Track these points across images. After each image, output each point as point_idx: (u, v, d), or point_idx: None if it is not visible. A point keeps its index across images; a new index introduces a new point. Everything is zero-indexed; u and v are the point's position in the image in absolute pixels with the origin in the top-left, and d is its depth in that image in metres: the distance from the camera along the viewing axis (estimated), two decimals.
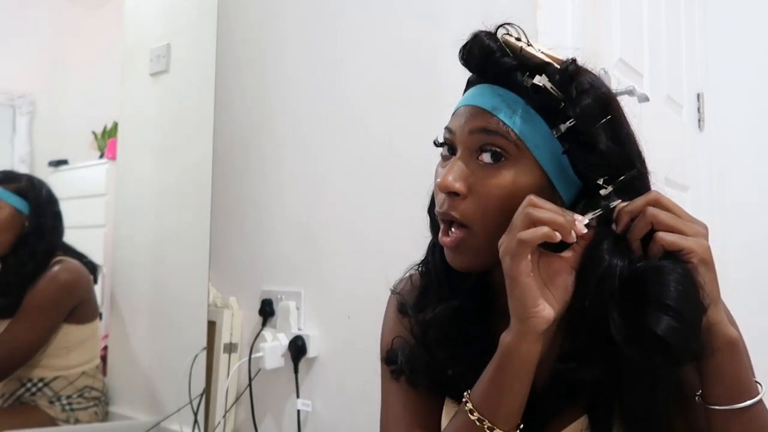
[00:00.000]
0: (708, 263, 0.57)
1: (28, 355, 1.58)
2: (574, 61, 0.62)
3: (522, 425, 0.61)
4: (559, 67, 0.62)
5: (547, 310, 0.57)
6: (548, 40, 1.12)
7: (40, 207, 1.64)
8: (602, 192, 0.60)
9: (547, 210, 0.57)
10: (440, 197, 0.65)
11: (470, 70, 0.66)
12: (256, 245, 1.60)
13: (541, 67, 0.61)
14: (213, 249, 1.60)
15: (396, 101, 1.34)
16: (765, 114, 1.86)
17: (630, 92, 1.27)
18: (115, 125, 2.08)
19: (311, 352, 1.42)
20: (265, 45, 1.63)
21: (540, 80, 0.60)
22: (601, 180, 0.60)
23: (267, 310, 1.51)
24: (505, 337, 0.59)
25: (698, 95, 1.88)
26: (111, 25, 2.15)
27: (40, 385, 1.60)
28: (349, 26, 1.45)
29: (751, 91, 1.88)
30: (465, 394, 0.63)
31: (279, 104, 1.59)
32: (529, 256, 0.57)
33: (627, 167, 0.61)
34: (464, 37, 0.65)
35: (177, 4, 1.81)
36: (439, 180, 0.63)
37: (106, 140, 2.21)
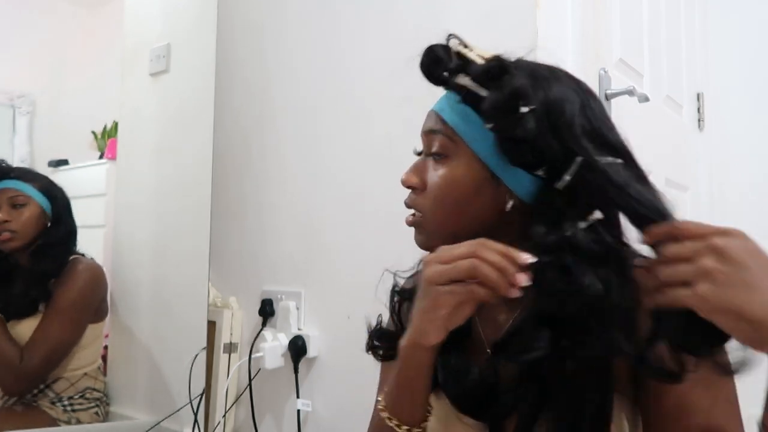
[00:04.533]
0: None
1: (66, 353, 1.58)
2: (497, 58, 0.65)
3: (425, 423, 0.68)
4: (483, 65, 0.64)
5: (432, 337, 0.62)
6: (548, 40, 1.12)
7: (61, 206, 1.66)
8: (558, 185, 0.61)
9: (489, 265, 0.57)
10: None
11: (424, 76, 0.71)
12: (256, 245, 1.60)
13: (465, 66, 0.65)
14: (213, 249, 1.60)
15: (397, 100, 1.34)
16: (765, 114, 1.86)
17: (630, 92, 1.27)
18: (115, 125, 2.08)
19: (311, 352, 1.42)
20: (265, 45, 1.63)
21: (461, 79, 0.64)
22: (542, 171, 0.61)
23: (267, 310, 1.51)
24: (403, 342, 0.65)
25: (698, 95, 1.88)
26: (111, 25, 2.15)
27: (41, 386, 1.59)
28: (349, 25, 1.45)
29: (751, 91, 1.88)
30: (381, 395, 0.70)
31: (279, 104, 1.59)
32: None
33: (569, 157, 0.60)
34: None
35: (177, 4, 1.80)
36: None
37: (106, 140, 2.21)
